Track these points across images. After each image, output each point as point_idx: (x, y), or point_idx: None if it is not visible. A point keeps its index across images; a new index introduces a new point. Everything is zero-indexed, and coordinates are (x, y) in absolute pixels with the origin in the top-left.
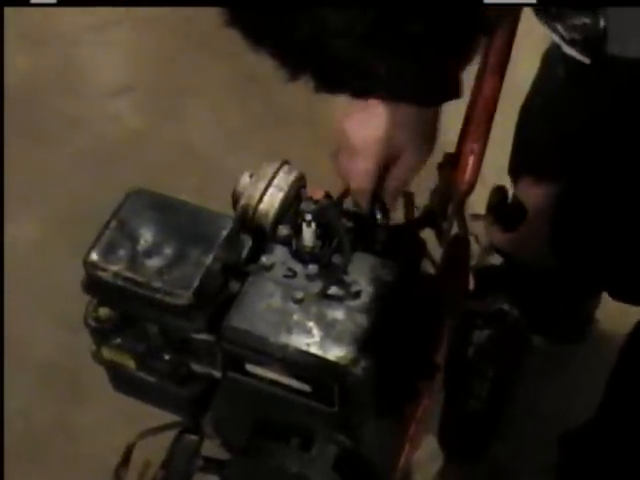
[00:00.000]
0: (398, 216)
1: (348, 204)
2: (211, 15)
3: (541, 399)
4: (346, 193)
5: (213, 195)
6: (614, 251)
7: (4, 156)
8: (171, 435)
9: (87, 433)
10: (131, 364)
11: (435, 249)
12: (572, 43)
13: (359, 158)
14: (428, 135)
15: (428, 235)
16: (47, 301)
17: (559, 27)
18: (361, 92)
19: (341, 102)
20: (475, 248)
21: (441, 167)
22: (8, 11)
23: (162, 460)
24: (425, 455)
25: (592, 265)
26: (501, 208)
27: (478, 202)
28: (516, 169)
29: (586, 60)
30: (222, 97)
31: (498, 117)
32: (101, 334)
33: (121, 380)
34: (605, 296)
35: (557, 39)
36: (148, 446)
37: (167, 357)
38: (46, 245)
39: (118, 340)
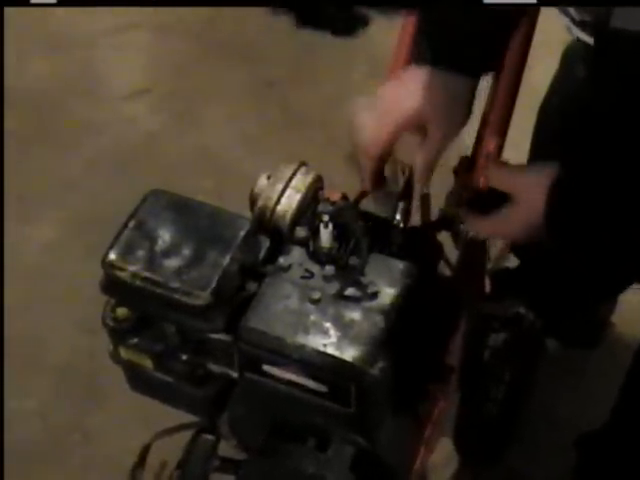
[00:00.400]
0: (415, 219)
1: (365, 206)
2: (229, 20)
3: (556, 403)
4: (363, 195)
5: (229, 198)
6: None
7: (23, 161)
8: (187, 436)
9: (104, 434)
10: (148, 364)
11: (451, 252)
12: (582, 25)
13: (382, 121)
14: (459, 110)
15: (444, 238)
16: (64, 303)
17: (571, 9)
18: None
19: (357, 102)
20: (491, 251)
21: (457, 170)
22: (27, 17)
23: (178, 460)
24: (440, 458)
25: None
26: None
27: None
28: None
29: (591, 40)
30: (239, 101)
31: (514, 119)
32: (119, 334)
33: (138, 380)
34: (620, 300)
35: (567, 21)
36: (164, 447)
37: (184, 357)
38: (63, 247)
39: (136, 340)
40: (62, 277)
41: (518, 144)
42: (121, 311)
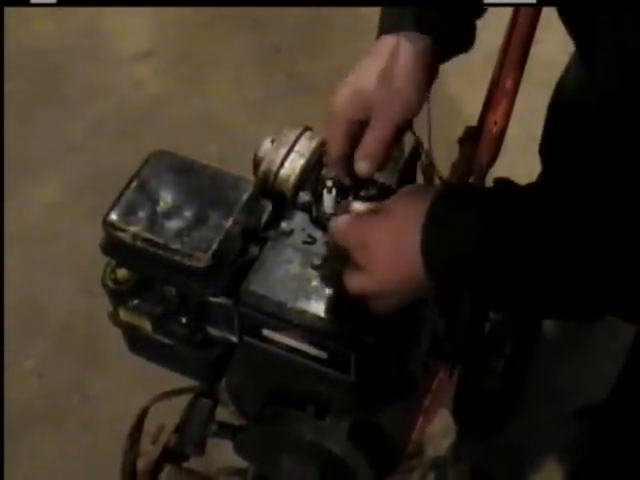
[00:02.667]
0: None
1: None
2: None
3: (557, 377)
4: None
5: (233, 163)
6: None
7: (26, 123)
8: (186, 399)
9: (102, 396)
10: (147, 326)
11: None
12: None
13: (332, 122)
14: (423, 75)
15: None
16: (65, 265)
17: None
18: None
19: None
20: None
21: (462, 141)
22: None
23: (176, 424)
24: (439, 429)
25: None
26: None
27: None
28: (548, 149)
29: None
30: (244, 67)
31: (520, 94)
32: (119, 295)
33: (137, 342)
34: None
35: None
36: (163, 410)
37: (184, 320)
38: (65, 209)
39: (135, 302)
40: (64, 239)
41: (523, 118)
42: (121, 273)
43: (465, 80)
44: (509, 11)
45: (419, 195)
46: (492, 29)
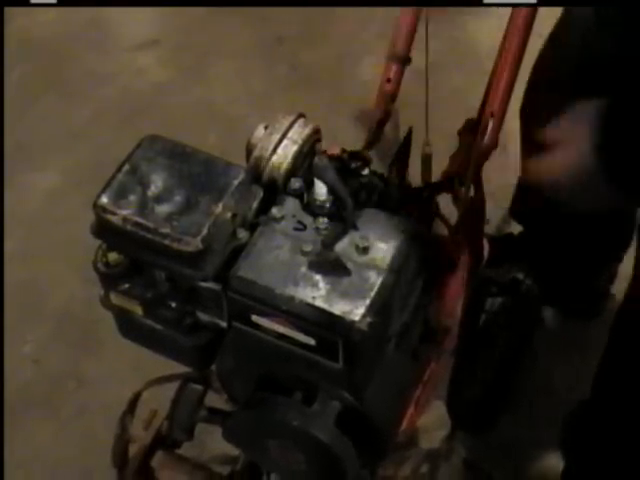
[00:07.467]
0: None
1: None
2: None
3: (553, 374)
4: (368, 149)
5: (232, 153)
6: None
7: (29, 110)
8: None
9: (99, 382)
10: (138, 310)
11: (452, 214)
12: None
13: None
14: None
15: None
16: (65, 251)
17: None
18: None
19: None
20: (493, 216)
21: (462, 132)
22: None
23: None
24: (432, 421)
25: None
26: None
27: (498, 170)
28: (530, 107)
29: None
30: (248, 58)
31: (517, 90)
32: (110, 279)
33: (128, 327)
34: (620, 272)
35: None
36: (158, 396)
37: (174, 305)
38: (66, 195)
39: (126, 286)
40: (64, 225)
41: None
42: (112, 256)
43: (469, 73)
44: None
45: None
46: (495, 24)
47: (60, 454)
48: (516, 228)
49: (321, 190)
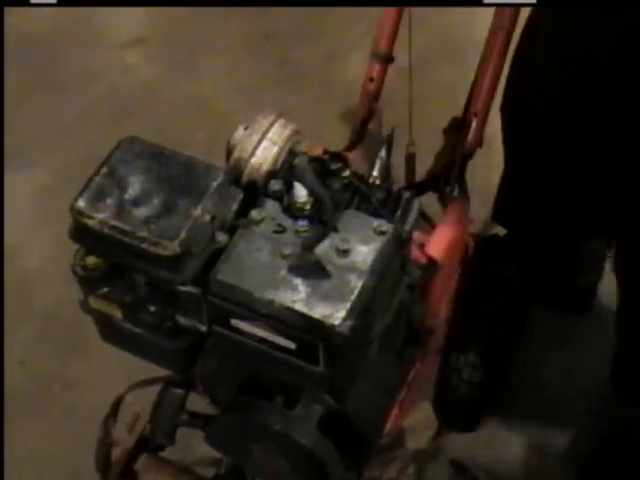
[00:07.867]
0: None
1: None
2: None
3: (542, 370)
4: (351, 148)
5: (220, 150)
6: None
7: (18, 107)
8: None
9: (85, 384)
10: (118, 314)
11: (436, 213)
12: None
13: None
14: None
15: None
16: (53, 250)
17: None
18: None
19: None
20: (477, 215)
21: (447, 131)
22: None
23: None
24: (420, 421)
25: None
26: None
27: (484, 169)
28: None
29: None
30: (236, 54)
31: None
32: (88, 283)
33: (109, 330)
34: (608, 270)
35: None
36: (140, 399)
37: (153, 309)
38: (55, 194)
39: (105, 290)
40: (53, 224)
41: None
42: (91, 260)
43: (458, 71)
44: None
45: None
46: (485, 23)
47: (47, 456)
48: (501, 229)
49: (301, 192)
